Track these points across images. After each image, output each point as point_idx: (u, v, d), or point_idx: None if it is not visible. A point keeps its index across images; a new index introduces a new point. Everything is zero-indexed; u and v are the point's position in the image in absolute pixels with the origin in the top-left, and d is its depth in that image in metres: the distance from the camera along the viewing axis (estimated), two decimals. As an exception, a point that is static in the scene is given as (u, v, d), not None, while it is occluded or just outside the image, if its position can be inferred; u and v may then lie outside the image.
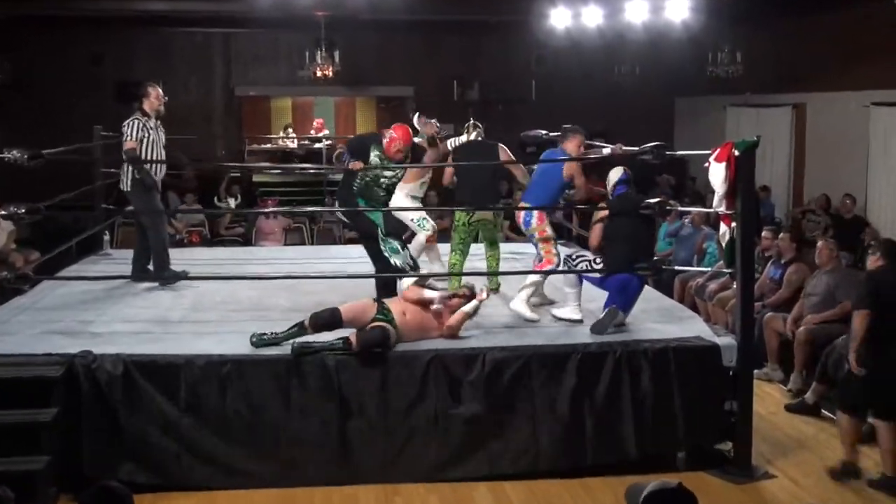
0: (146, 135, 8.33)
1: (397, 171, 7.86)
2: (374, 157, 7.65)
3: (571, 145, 7.96)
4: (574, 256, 7.67)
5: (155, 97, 8.49)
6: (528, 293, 7.61)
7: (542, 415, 6.70)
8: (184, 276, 8.38)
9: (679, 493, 3.45)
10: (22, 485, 5.33)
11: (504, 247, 9.26)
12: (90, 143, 10.01)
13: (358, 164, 7.54)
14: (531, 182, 8.20)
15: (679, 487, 3.47)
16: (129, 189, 8.43)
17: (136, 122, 8.33)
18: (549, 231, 7.95)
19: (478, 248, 8.85)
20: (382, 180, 7.78)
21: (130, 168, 8.31)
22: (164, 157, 8.61)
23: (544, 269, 7.76)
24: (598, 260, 7.39)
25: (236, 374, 6.50)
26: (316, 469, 6.54)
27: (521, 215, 8.09)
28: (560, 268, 7.66)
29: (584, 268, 7.43)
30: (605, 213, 7.51)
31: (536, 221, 7.91)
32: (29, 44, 16.99)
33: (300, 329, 6.69)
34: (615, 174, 7.69)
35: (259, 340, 6.63)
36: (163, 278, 8.42)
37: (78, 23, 16.71)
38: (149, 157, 8.35)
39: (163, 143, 8.56)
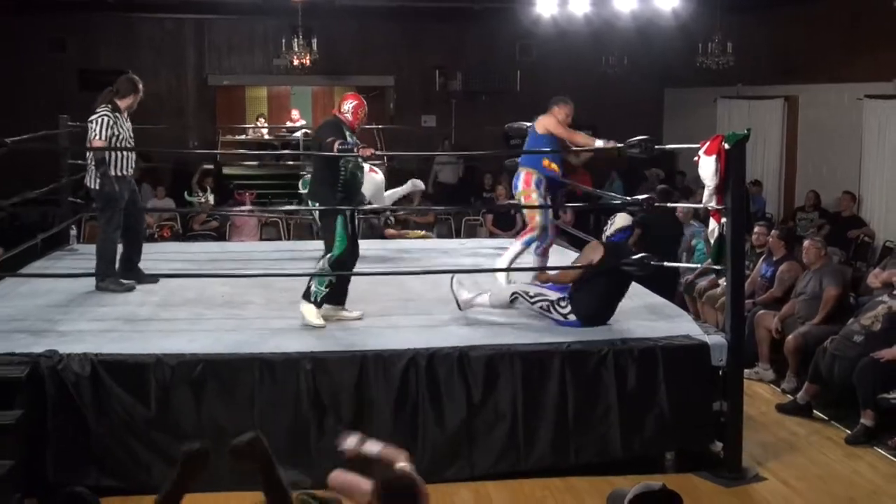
0: (116, 132, 7.99)
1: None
2: (349, 136, 7.39)
3: (557, 111, 8.22)
4: (532, 294, 7.41)
5: (138, 99, 8.23)
6: (508, 260, 7.97)
7: (525, 414, 6.71)
8: (129, 286, 8.20)
9: (664, 496, 3.47)
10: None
11: (488, 242, 9.28)
12: (54, 132, 9.95)
13: (369, 150, 7.32)
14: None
15: (663, 489, 3.49)
16: (94, 187, 8.16)
17: (107, 118, 7.94)
18: (534, 196, 8.05)
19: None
20: (361, 161, 7.61)
21: (94, 165, 8.06)
22: (132, 154, 8.29)
23: (524, 237, 8.07)
24: (563, 302, 7.27)
25: (209, 374, 6.50)
26: (292, 472, 6.54)
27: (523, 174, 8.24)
28: (539, 241, 7.96)
29: (544, 307, 7.33)
30: (598, 255, 7.43)
31: (523, 185, 8.11)
32: (-13, 30, 16.93)
33: None
34: (622, 221, 7.68)
35: None
36: (113, 288, 8.13)
37: (39, 7, 16.61)
38: (120, 158, 8.04)
39: (131, 136, 8.27)
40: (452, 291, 7.61)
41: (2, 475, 5.89)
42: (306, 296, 7.19)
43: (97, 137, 7.94)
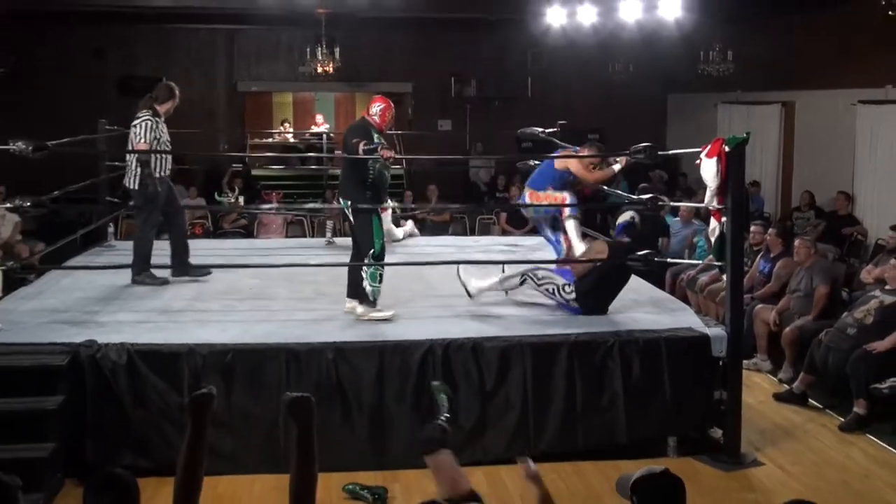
0: (158, 136, 8.09)
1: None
2: (376, 138, 7.33)
3: (582, 153, 8.10)
4: (540, 276, 7.49)
5: (175, 104, 8.29)
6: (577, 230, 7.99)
7: (535, 402, 6.71)
8: (163, 281, 8.20)
9: (666, 478, 3.47)
10: (28, 471, 5.34)
11: (502, 239, 9.27)
12: (94, 135, 9.98)
13: (389, 152, 7.22)
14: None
15: (665, 473, 3.49)
16: (134, 188, 8.23)
17: (149, 122, 8.04)
18: (555, 194, 8.13)
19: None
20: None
21: (136, 167, 8.11)
22: (169, 157, 8.33)
23: (567, 202, 8.04)
24: (567, 288, 7.34)
25: (238, 363, 6.52)
26: (318, 456, 6.53)
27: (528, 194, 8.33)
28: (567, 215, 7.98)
29: (549, 289, 7.43)
30: (603, 254, 7.45)
31: (528, 199, 8.24)
32: (33, 38, 16.95)
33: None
34: (624, 217, 7.72)
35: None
36: (148, 281, 8.17)
37: (81, 18, 16.67)
38: (159, 160, 8.12)
39: (168, 139, 8.33)
40: (460, 279, 7.65)
41: (45, 457, 5.95)
42: (362, 299, 7.20)
43: (141, 140, 8.02)
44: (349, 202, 7.29)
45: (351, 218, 7.32)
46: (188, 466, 3.30)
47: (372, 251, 7.15)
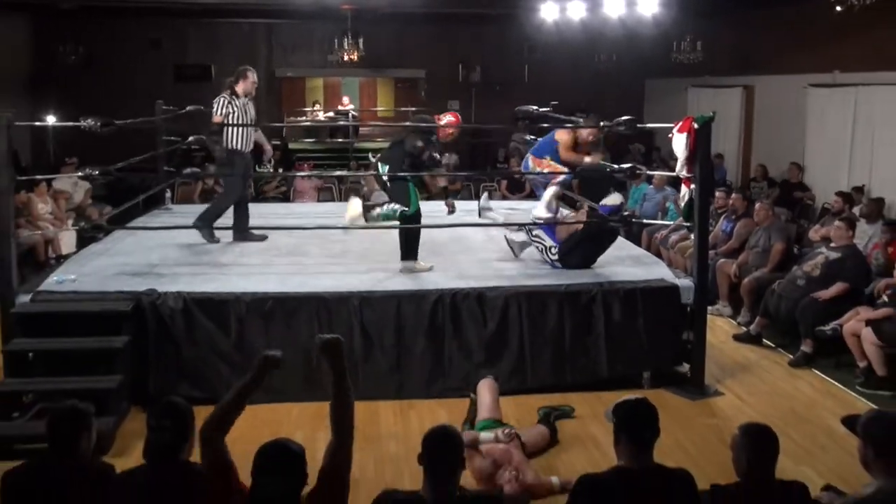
0: (231, 111, 7.96)
1: None
2: (434, 141, 7.22)
3: (580, 130, 7.88)
4: (535, 233, 7.46)
5: (251, 81, 8.12)
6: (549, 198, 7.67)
7: (530, 343, 6.73)
8: (216, 240, 8.14)
9: (642, 404, 3.50)
10: (100, 400, 5.40)
11: (501, 203, 9.22)
12: (152, 116, 9.96)
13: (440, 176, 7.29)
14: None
15: (642, 400, 3.52)
16: (222, 156, 8.14)
17: (224, 99, 7.98)
18: (545, 162, 7.89)
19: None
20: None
21: (220, 137, 8.02)
22: (251, 132, 8.19)
23: (559, 179, 7.71)
24: (553, 250, 7.32)
25: (277, 309, 6.53)
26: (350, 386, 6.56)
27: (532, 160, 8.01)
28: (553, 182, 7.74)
29: (539, 247, 7.42)
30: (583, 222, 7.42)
31: (533, 165, 7.85)
32: (98, 31, 16.84)
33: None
34: (613, 200, 7.61)
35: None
36: (205, 234, 8.11)
37: (140, 13, 16.58)
38: (232, 133, 7.98)
39: (251, 117, 8.20)
40: (507, 241, 7.71)
41: (113, 387, 5.99)
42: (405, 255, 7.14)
43: (216, 114, 7.97)
44: (387, 167, 7.17)
45: (387, 183, 7.18)
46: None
47: (403, 209, 7.01)
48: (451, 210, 8.11)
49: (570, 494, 3.45)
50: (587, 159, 7.71)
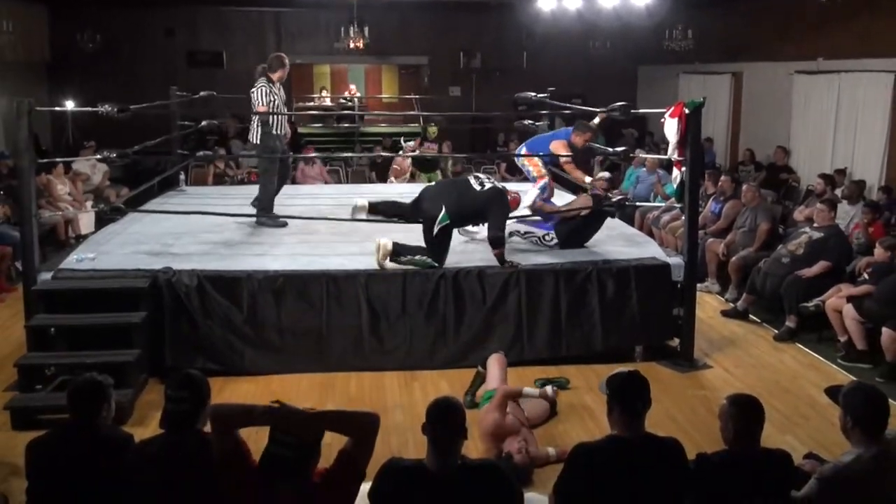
0: (273, 100, 7.91)
1: None
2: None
3: (577, 138, 7.91)
4: (523, 232, 7.52)
5: (287, 69, 8.04)
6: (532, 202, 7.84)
7: (528, 318, 6.73)
8: (282, 223, 8.03)
9: (634, 376, 3.51)
10: (119, 373, 5.40)
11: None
12: (167, 101, 9.93)
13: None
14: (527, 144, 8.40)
15: (634, 373, 3.53)
16: (256, 142, 8.14)
17: (264, 88, 7.89)
18: (537, 160, 8.07)
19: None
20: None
21: (259, 125, 8.01)
22: (286, 117, 8.17)
23: (539, 183, 7.98)
24: (548, 237, 7.38)
25: (287, 286, 6.53)
26: (351, 359, 6.60)
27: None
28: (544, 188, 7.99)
29: (533, 241, 7.44)
30: (587, 206, 7.40)
31: (524, 161, 8.18)
32: (115, 20, 16.72)
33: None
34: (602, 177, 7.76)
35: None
36: (270, 223, 8.04)
37: (154, 1, 16.51)
38: (277, 120, 7.96)
39: (283, 100, 8.16)
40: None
41: (132, 360, 6.00)
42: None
43: (260, 104, 7.89)
44: (448, 219, 6.66)
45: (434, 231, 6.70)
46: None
47: (434, 266, 6.70)
48: None
49: (566, 461, 3.47)
50: (577, 174, 8.09)
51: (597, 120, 8.26)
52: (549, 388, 5.75)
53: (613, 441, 3.41)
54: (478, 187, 6.80)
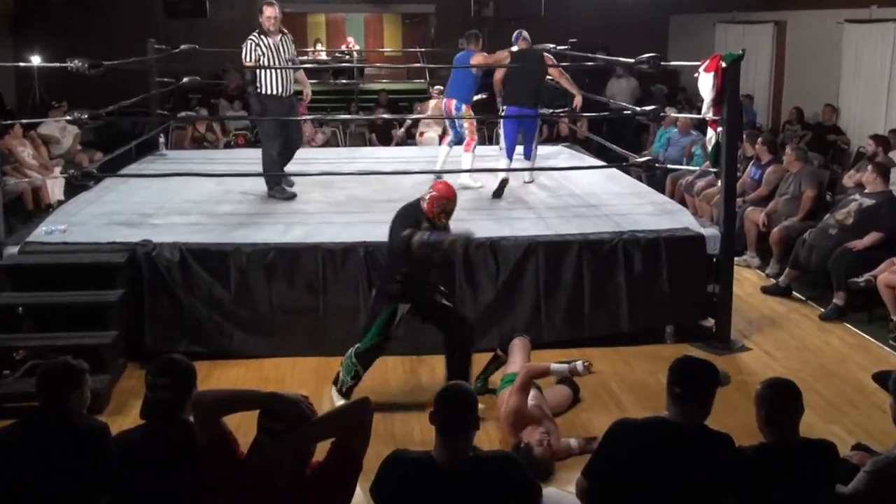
0: (262, 53, 7.67)
1: None
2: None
3: (475, 46, 8.88)
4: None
5: (266, 16, 7.75)
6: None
7: (546, 295, 6.73)
8: (291, 196, 7.95)
9: (706, 366, 3.53)
10: (94, 356, 5.42)
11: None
12: (144, 55, 9.90)
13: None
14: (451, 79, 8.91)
15: (707, 362, 3.55)
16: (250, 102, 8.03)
17: (251, 42, 7.68)
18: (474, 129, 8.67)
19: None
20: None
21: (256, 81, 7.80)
22: (288, 72, 7.84)
23: (471, 146, 8.49)
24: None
25: (279, 260, 6.53)
26: (350, 341, 6.60)
27: (451, 104, 8.72)
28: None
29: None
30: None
31: (465, 108, 8.65)
32: (87, -35, 16.70)
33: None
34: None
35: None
36: (277, 195, 7.94)
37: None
38: (268, 76, 7.68)
39: (288, 56, 7.88)
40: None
41: (108, 343, 6.02)
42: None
43: (246, 59, 7.73)
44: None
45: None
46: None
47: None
48: None
49: (602, 439, 3.48)
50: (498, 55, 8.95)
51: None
52: (579, 364, 5.45)
53: (661, 423, 3.41)
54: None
